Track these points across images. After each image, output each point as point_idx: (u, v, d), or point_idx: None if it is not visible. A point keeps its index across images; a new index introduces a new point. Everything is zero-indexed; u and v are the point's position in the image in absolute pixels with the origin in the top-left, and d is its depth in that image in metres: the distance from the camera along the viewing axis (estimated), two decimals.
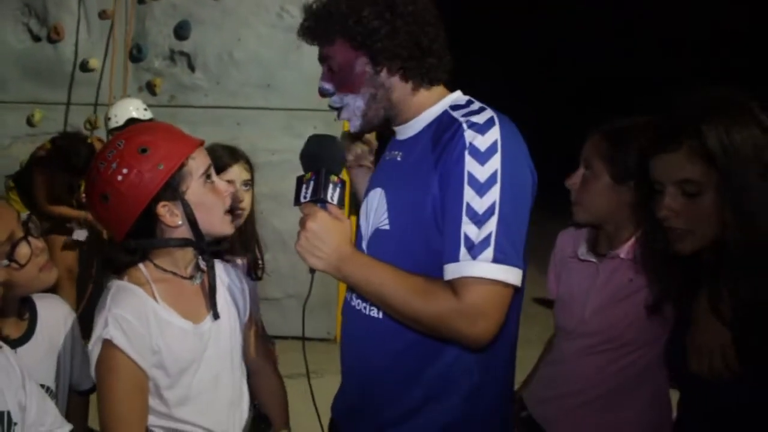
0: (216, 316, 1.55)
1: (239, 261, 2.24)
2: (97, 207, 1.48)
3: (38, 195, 4.50)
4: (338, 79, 1.59)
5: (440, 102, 1.61)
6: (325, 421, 1.75)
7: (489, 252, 1.40)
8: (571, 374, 1.86)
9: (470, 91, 1.66)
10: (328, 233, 1.45)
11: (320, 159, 1.49)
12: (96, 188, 1.46)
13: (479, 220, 1.42)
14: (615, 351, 1.78)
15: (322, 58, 1.61)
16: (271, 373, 1.88)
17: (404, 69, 1.56)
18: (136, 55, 5.18)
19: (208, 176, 1.53)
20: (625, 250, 1.79)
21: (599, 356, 1.80)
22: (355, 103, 1.59)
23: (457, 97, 1.63)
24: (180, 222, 1.49)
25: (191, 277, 1.57)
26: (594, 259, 1.85)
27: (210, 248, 1.55)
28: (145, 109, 4.39)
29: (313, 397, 1.62)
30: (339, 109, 1.63)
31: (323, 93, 1.64)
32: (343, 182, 1.49)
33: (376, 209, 1.64)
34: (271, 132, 5.06)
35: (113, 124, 4.35)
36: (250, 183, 2.28)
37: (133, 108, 4.36)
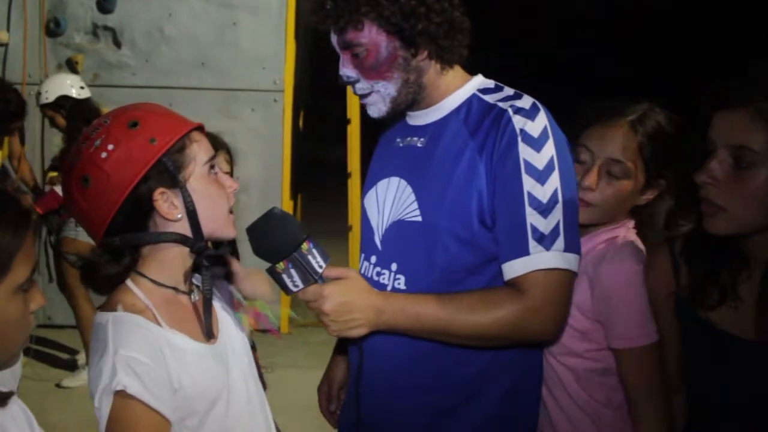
0: (210, 335, 1.32)
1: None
2: (75, 196, 1.21)
3: None
4: (366, 65, 1.45)
5: (466, 85, 1.52)
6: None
7: (560, 242, 1.38)
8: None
9: None
10: (348, 301, 1.35)
11: (277, 246, 1.32)
12: (74, 172, 1.21)
13: (545, 210, 1.37)
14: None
15: (345, 44, 1.46)
16: None
17: (440, 49, 1.45)
18: (53, 29, 4.77)
19: (212, 167, 1.30)
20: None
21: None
22: (386, 90, 1.47)
23: (483, 80, 1.54)
24: (179, 215, 1.25)
25: (190, 292, 1.34)
26: None
27: (208, 251, 1.31)
28: (82, 88, 4.00)
29: None
30: (364, 96, 1.49)
31: (346, 81, 1.49)
32: (311, 239, 1.34)
33: (395, 199, 1.52)
34: (205, 113, 4.75)
35: (43, 99, 3.96)
36: (229, 175, 2.04)
37: (69, 83, 3.97)
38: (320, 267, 1.33)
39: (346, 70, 1.48)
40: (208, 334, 1.30)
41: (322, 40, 1.56)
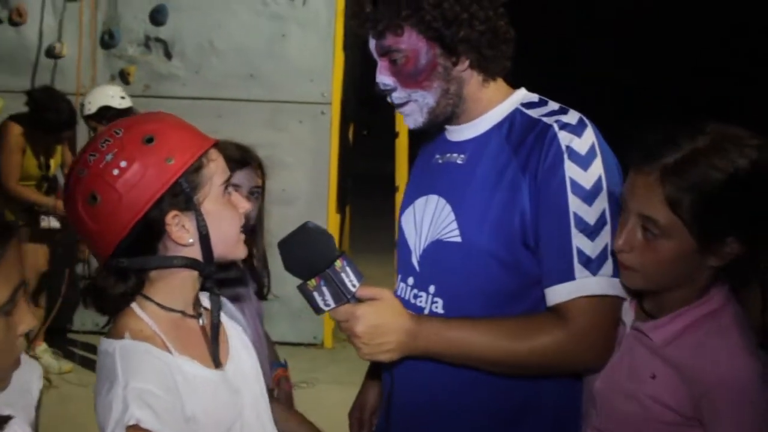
0: (218, 362, 1.25)
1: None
2: (80, 212, 1.13)
3: (5, 165, 4.01)
4: (404, 73, 1.39)
5: (508, 99, 1.44)
6: None
7: (608, 266, 1.29)
8: None
9: None
10: (382, 324, 1.28)
11: (310, 261, 1.26)
12: (81, 187, 1.12)
13: (592, 232, 1.29)
14: None
15: (383, 50, 1.40)
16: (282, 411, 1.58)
17: (482, 59, 1.38)
18: (107, 41, 4.84)
19: (227, 187, 1.23)
20: (656, 329, 1.27)
21: None
22: (425, 100, 1.40)
23: (526, 94, 1.47)
24: (191, 240, 1.17)
25: (198, 315, 1.27)
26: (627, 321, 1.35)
27: (216, 274, 1.25)
28: (122, 98, 4.05)
29: None
30: (400, 105, 1.43)
31: (383, 89, 1.43)
32: (345, 257, 1.27)
33: (434, 218, 1.45)
34: (253, 125, 4.77)
35: (86, 111, 4.03)
36: (259, 191, 1.98)
37: (111, 94, 4.03)
38: (353, 286, 1.27)
39: (383, 78, 1.41)
40: (215, 361, 1.23)
41: (372, 54, 1.51)
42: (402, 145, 5.00)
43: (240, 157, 1.91)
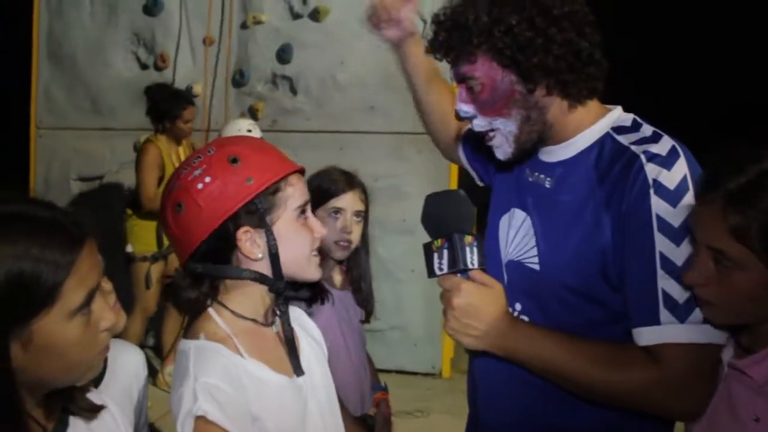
0: (299, 371, 1.32)
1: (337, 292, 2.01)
2: (168, 218, 1.27)
3: (143, 184, 4.27)
4: (482, 101, 1.36)
5: (600, 121, 1.36)
6: None
7: (698, 312, 1.18)
8: None
9: None
10: (479, 307, 1.26)
11: (446, 221, 1.29)
12: (171, 196, 1.26)
13: (680, 275, 1.18)
14: None
15: (459, 78, 1.38)
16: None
17: (562, 84, 1.31)
18: (238, 79, 5.14)
19: (303, 211, 1.31)
20: (755, 365, 1.14)
21: None
22: (506, 128, 1.36)
23: (620, 116, 1.38)
24: (260, 255, 1.26)
25: (271, 324, 1.35)
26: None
27: (287, 292, 1.32)
28: (249, 130, 4.24)
29: None
30: (485, 133, 1.40)
31: (463, 117, 1.41)
32: (477, 239, 1.29)
33: (517, 236, 1.42)
34: (374, 156, 4.88)
35: None
36: (362, 214, 2.07)
37: (239, 127, 4.25)
38: (472, 264, 1.28)
39: (463, 105, 1.38)
40: (297, 372, 1.30)
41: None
42: None
43: (345, 182, 2.01)
